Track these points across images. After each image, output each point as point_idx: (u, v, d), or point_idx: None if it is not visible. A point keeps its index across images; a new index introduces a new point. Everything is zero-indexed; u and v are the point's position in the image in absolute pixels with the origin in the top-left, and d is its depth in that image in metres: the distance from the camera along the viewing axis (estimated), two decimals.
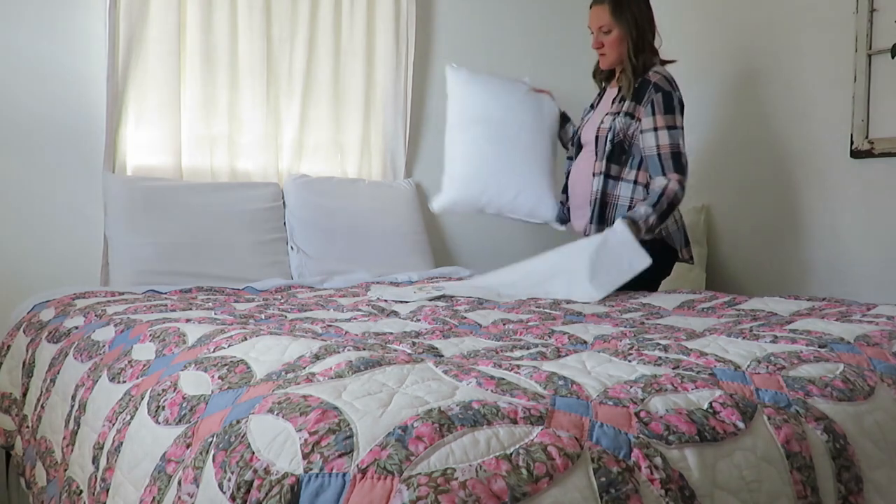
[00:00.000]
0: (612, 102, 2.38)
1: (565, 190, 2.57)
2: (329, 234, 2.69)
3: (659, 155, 2.21)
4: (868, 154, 2.54)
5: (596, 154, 2.36)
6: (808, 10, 2.75)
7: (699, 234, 3.09)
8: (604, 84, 2.54)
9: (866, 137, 2.55)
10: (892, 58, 2.39)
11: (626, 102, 2.31)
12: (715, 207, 3.12)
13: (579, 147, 2.51)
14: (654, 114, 2.22)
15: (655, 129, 2.21)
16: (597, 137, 2.35)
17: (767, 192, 2.92)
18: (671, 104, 2.23)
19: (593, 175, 2.36)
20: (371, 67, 2.97)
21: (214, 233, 2.49)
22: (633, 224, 2.15)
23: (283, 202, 2.71)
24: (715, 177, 3.12)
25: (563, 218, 2.59)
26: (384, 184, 2.95)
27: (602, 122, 2.35)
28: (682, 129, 2.26)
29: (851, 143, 2.59)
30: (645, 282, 2.20)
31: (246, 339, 1.24)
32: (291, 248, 2.64)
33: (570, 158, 2.57)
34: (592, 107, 2.55)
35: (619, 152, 2.31)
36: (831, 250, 2.70)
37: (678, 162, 2.21)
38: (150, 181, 2.51)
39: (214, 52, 2.66)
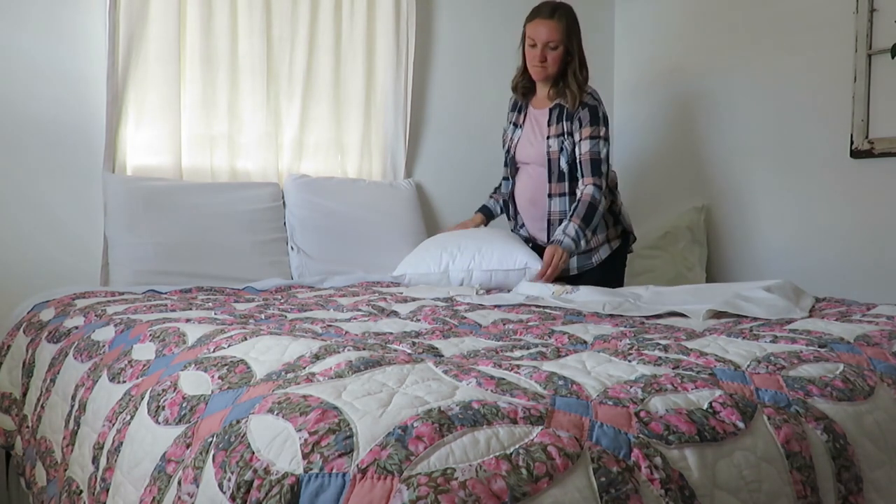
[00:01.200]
0: (550, 125, 2.47)
1: (507, 209, 2.67)
2: (329, 234, 2.68)
3: (580, 161, 2.42)
4: (868, 154, 2.54)
5: (550, 176, 2.48)
6: (807, 10, 2.75)
7: (699, 234, 3.09)
8: (523, 99, 2.59)
9: (866, 137, 2.55)
10: (892, 58, 2.39)
11: (565, 123, 2.44)
12: (715, 207, 3.12)
13: (514, 166, 2.60)
14: (581, 127, 2.42)
15: (581, 139, 2.42)
16: (549, 161, 2.47)
17: (767, 193, 2.92)
18: (596, 116, 2.42)
19: (549, 196, 2.48)
20: (371, 67, 2.97)
21: (214, 233, 2.49)
22: (573, 244, 2.33)
23: (283, 202, 2.71)
24: (715, 177, 3.12)
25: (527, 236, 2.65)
26: (384, 184, 2.95)
27: (549, 145, 2.47)
28: (605, 139, 2.43)
29: (851, 143, 2.59)
30: (616, 271, 2.55)
31: (246, 339, 1.24)
32: (291, 248, 2.64)
33: (507, 179, 2.65)
34: (516, 125, 2.59)
35: (574, 172, 2.46)
36: (831, 250, 2.70)
37: (597, 167, 2.41)
38: (150, 181, 2.51)
39: (214, 52, 2.66)
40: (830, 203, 2.70)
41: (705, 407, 0.96)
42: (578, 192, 2.41)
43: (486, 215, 2.76)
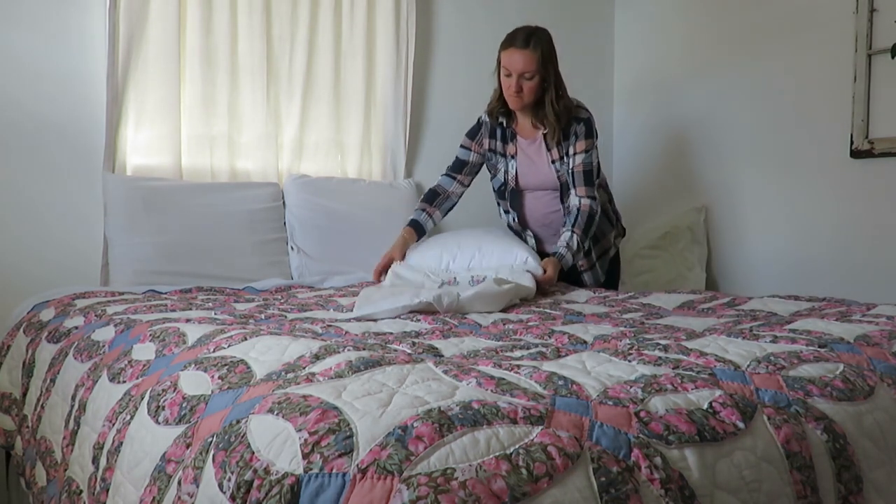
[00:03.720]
0: (550, 149, 2.41)
1: (516, 232, 2.57)
2: (329, 234, 2.68)
3: (572, 172, 2.40)
4: (868, 154, 2.54)
5: (563, 197, 2.46)
6: (807, 10, 2.75)
7: (699, 234, 3.09)
8: (503, 124, 2.47)
9: (866, 137, 2.55)
10: (892, 58, 2.39)
11: (563, 145, 2.40)
12: (715, 207, 3.12)
13: (516, 194, 2.51)
14: (576, 141, 2.38)
15: (575, 153, 2.39)
16: (561, 184, 2.44)
17: (767, 192, 2.92)
18: (591, 129, 2.40)
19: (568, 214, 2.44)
20: (371, 67, 2.97)
21: (214, 233, 2.49)
22: (572, 259, 2.35)
23: (283, 202, 2.71)
24: (715, 177, 3.12)
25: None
26: (384, 184, 2.95)
27: (557, 169, 2.43)
28: (595, 149, 2.42)
29: (851, 143, 2.59)
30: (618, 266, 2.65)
31: (246, 339, 1.24)
32: (291, 248, 2.64)
33: (507, 212, 2.56)
34: (503, 155, 2.48)
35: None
36: (831, 250, 2.70)
37: (590, 178, 2.40)
38: (150, 181, 2.51)
39: (214, 52, 2.66)
40: (830, 203, 2.70)
41: (705, 407, 0.96)
42: (575, 202, 2.38)
43: (417, 231, 2.47)
